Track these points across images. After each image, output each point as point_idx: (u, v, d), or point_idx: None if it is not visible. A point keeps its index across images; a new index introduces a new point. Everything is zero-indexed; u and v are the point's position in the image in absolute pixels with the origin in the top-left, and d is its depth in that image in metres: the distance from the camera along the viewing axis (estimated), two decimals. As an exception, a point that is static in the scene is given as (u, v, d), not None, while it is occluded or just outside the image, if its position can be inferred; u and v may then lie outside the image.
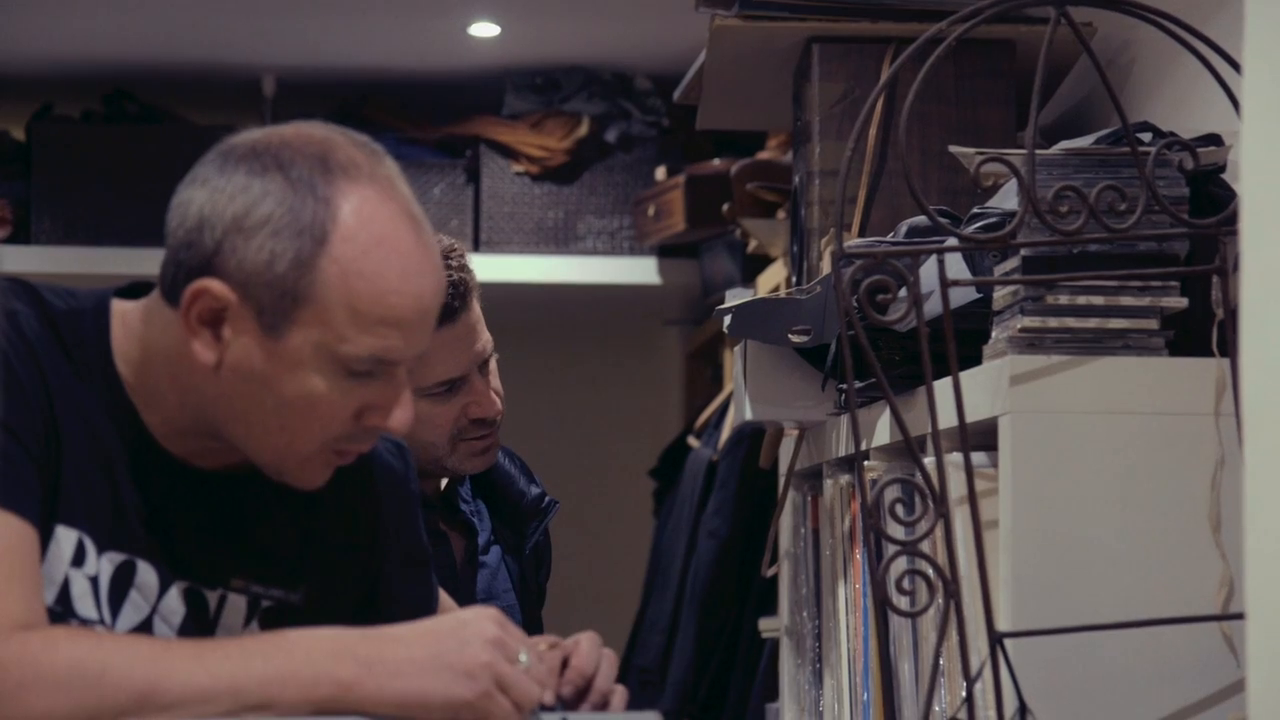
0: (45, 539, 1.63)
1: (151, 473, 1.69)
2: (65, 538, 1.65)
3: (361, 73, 4.74)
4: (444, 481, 2.64)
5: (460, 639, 1.57)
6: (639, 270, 4.87)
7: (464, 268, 2.45)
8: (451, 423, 2.49)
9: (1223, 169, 1.89)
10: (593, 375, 5.72)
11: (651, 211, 4.64)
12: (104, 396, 1.68)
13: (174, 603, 1.70)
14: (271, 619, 1.74)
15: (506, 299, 5.18)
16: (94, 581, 1.67)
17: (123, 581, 1.68)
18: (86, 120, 4.82)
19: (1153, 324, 1.79)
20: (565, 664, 1.68)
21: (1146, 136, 1.87)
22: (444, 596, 1.95)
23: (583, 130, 4.82)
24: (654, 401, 5.64)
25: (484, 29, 4.45)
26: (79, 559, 1.66)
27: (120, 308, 1.71)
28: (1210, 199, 1.86)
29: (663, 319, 5.45)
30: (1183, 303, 1.79)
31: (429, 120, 4.90)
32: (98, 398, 1.68)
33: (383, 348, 1.60)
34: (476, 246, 4.84)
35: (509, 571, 2.67)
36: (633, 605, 4.42)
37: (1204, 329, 1.78)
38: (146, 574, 1.69)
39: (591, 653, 1.67)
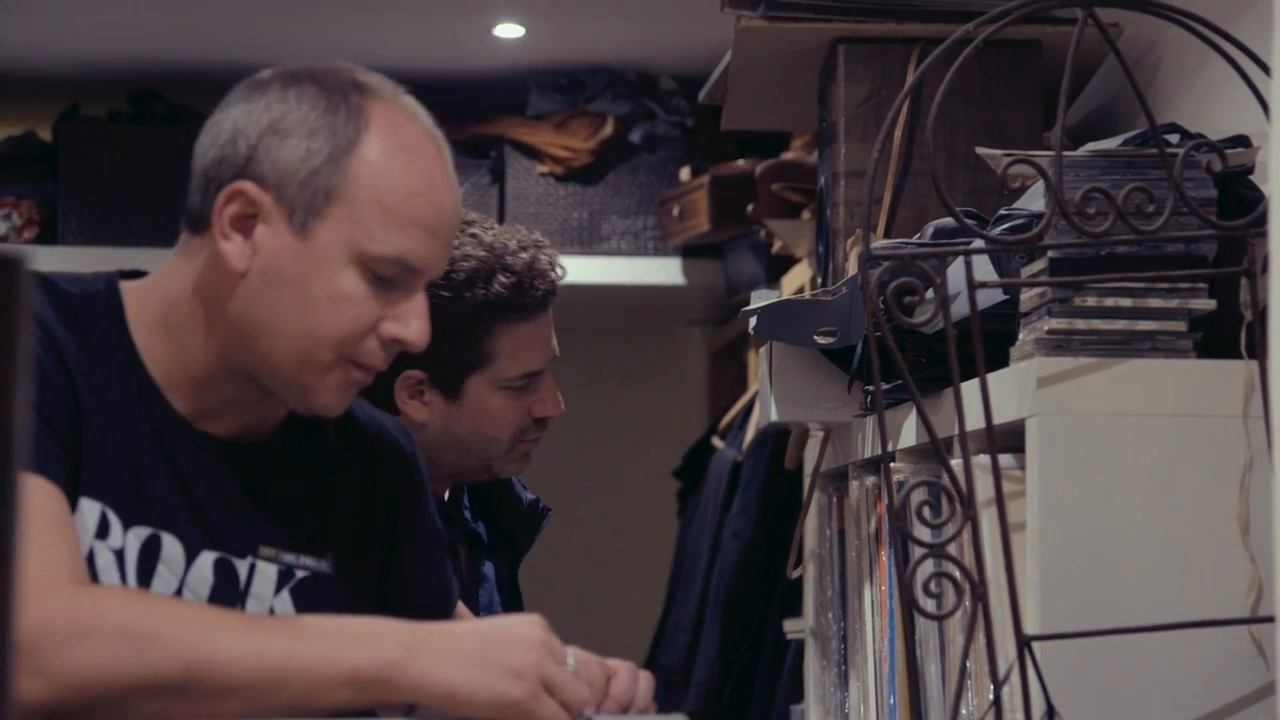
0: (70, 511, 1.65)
1: (173, 444, 1.72)
2: (89, 510, 1.67)
3: (386, 72, 4.72)
4: (447, 492, 2.62)
5: (508, 639, 1.57)
6: (663, 271, 4.87)
7: (555, 264, 2.50)
8: (519, 420, 2.49)
9: (1251, 170, 1.88)
10: (617, 376, 5.72)
11: (676, 212, 4.64)
12: (123, 374, 1.71)
13: (203, 573, 1.71)
14: (305, 590, 1.75)
15: (531, 299, 5.18)
16: (119, 555, 1.68)
17: (150, 556, 1.69)
18: (113, 120, 4.83)
19: (1181, 326, 1.79)
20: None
21: (1174, 138, 1.87)
22: (461, 607, 1.95)
23: (607, 131, 4.82)
24: (678, 402, 5.64)
25: (508, 30, 4.45)
26: (103, 531, 1.68)
27: (128, 285, 1.75)
28: (1238, 201, 1.85)
29: (687, 319, 5.45)
30: (1211, 304, 1.79)
31: (453, 120, 4.90)
32: (116, 376, 1.70)
33: (408, 249, 1.67)
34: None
35: (500, 583, 2.66)
36: (657, 606, 4.41)
37: (1232, 331, 1.77)
38: (172, 546, 1.70)
39: (629, 685, 1.65)
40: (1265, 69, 1.78)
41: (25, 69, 4.76)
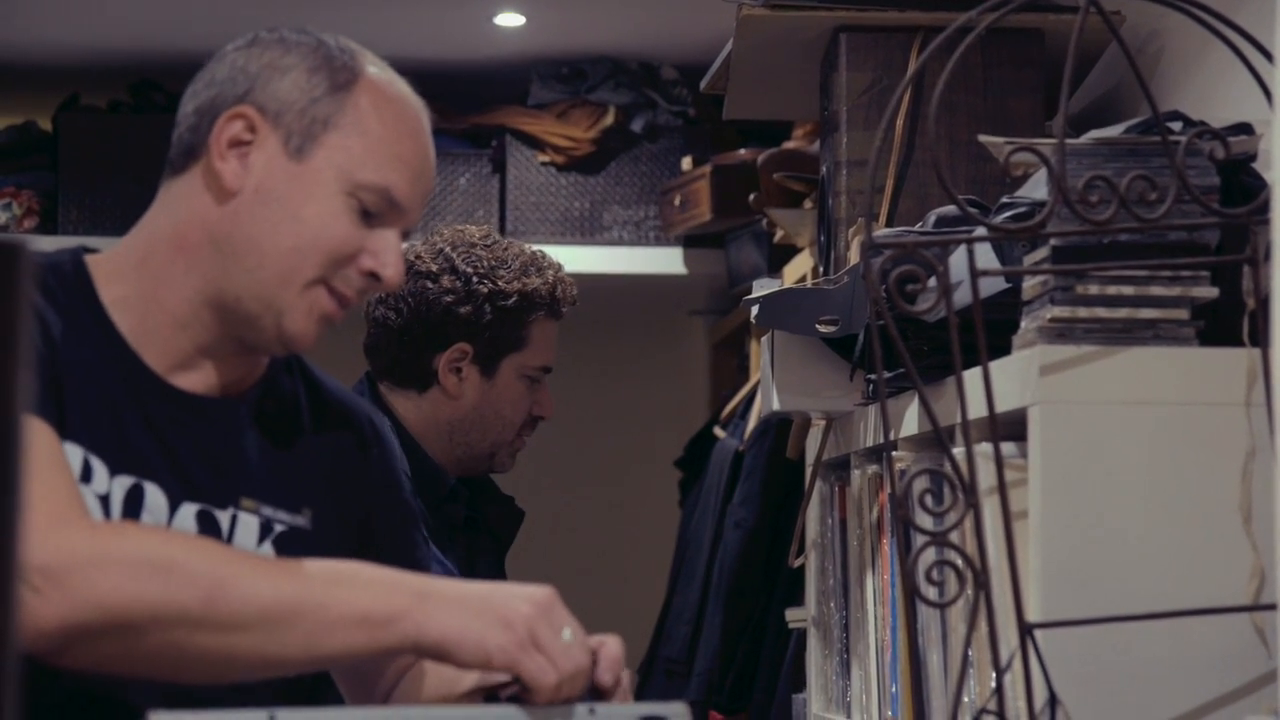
0: None
1: (148, 399, 1.75)
2: (72, 455, 1.69)
3: (388, 62, 4.74)
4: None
5: (511, 594, 1.60)
6: (665, 260, 4.87)
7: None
8: (526, 412, 2.81)
9: (1254, 158, 1.88)
10: (618, 366, 5.72)
11: (677, 201, 4.64)
12: (94, 334, 1.74)
13: (185, 524, 1.74)
14: (287, 543, 1.78)
15: (532, 289, 5.17)
16: (104, 501, 1.71)
17: (134, 504, 1.72)
18: (113, 110, 4.83)
19: (1183, 314, 1.78)
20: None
21: (1177, 126, 1.86)
22: None
23: (608, 120, 4.82)
24: (679, 392, 5.64)
25: (510, 19, 4.45)
26: (86, 476, 1.70)
27: (92, 256, 1.81)
28: (1241, 188, 1.85)
29: (688, 309, 5.45)
30: (1213, 292, 1.79)
31: (455, 110, 4.90)
32: (88, 337, 1.74)
33: (394, 183, 1.75)
34: (502, 236, 4.84)
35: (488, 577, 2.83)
36: (658, 596, 4.41)
37: (1235, 319, 1.77)
38: (155, 496, 1.73)
39: (618, 653, 1.66)
40: (1268, 56, 1.77)
41: (26, 59, 4.75)
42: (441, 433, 2.78)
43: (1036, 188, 1.90)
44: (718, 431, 4.26)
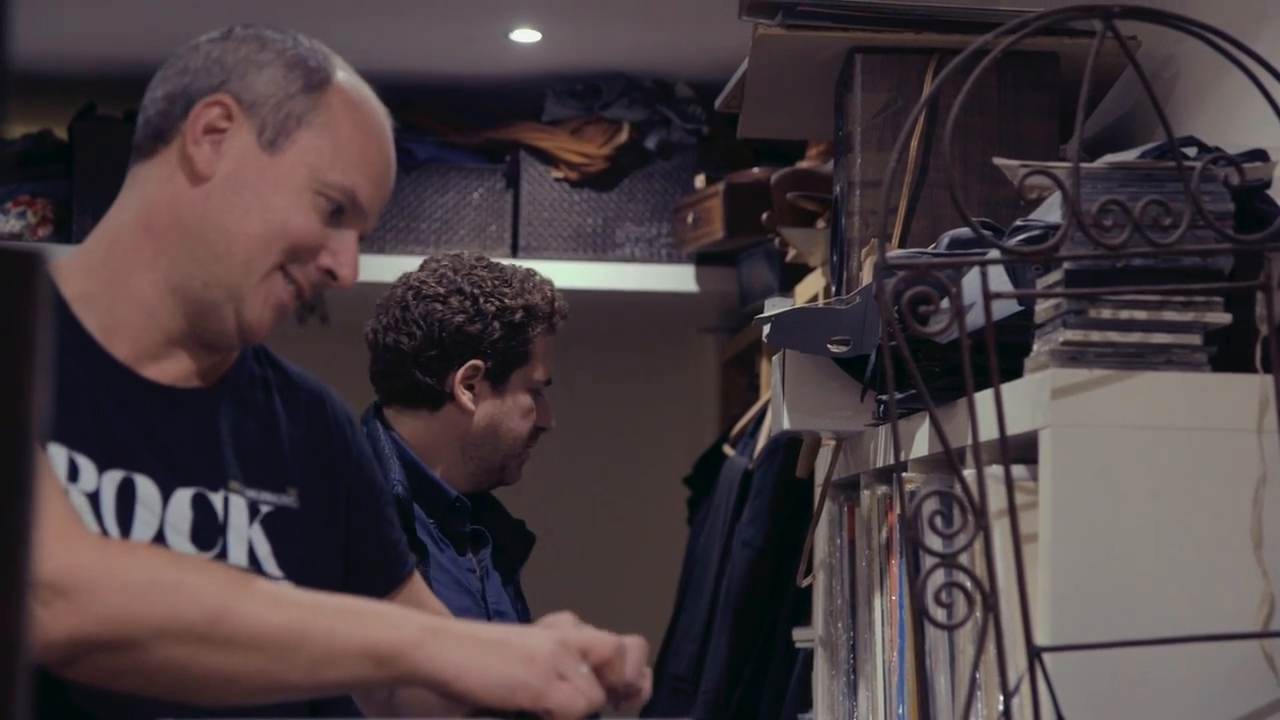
0: None
1: (123, 391, 1.77)
2: (56, 456, 1.71)
3: (403, 77, 4.75)
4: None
5: (525, 633, 1.61)
6: (677, 278, 4.87)
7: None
8: (531, 424, 2.93)
9: (1268, 185, 1.88)
10: (629, 382, 5.72)
11: (690, 219, 4.64)
12: (66, 340, 1.75)
13: (181, 510, 1.76)
14: (274, 523, 1.80)
15: (544, 305, 5.17)
16: (93, 499, 1.72)
17: (127, 498, 1.73)
18: (129, 120, 4.83)
19: (1196, 339, 1.78)
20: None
21: (1192, 151, 1.86)
22: (419, 581, 1.99)
23: (622, 137, 4.82)
24: (689, 409, 5.64)
25: (525, 35, 4.46)
26: (73, 476, 1.72)
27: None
28: (1255, 215, 1.85)
29: (700, 327, 5.45)
30: (1226, 318, 1.79)
31: (469, 125, 4.90)
32: (61, 342, 1.75)
33: (358, 185, 1.80)
34: (515, 252, 4.84)
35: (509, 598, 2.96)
36: (666, 613, 4.41)
37: (1247, 345, 1.77)
38: (147, 488, 1.75)
39: (637, 659, 1.68)
40: (1284, 83, 1.77)
41: (42, 67, 4.76)
42: (455, 449, 2.89)
43: (1050, 211, 1.90)
44: (727, 450, 4.26)
